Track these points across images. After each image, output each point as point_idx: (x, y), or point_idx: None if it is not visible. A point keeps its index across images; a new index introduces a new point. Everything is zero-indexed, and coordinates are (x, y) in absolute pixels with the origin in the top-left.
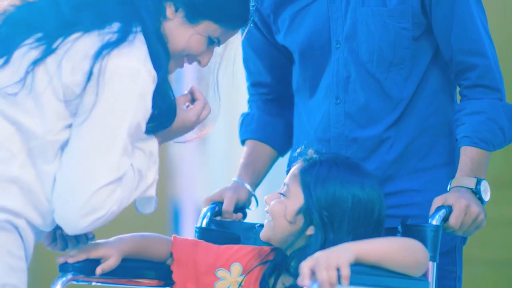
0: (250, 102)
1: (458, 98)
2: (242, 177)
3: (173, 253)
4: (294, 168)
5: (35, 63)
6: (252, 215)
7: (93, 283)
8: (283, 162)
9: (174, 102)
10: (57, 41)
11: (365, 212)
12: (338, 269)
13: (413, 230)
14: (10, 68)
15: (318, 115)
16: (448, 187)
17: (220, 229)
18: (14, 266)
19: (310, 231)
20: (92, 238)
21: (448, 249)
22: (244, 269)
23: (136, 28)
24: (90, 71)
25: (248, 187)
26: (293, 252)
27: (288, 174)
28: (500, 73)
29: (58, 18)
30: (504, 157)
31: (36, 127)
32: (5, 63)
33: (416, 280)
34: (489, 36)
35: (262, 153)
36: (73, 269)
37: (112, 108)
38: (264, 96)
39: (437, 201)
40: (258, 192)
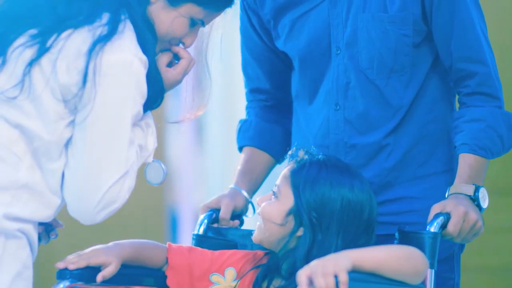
0: (248, 109)
1: (457, 106)
2: (239, 184)
3: (169, 259)
4: (285, 170)
5: (31, 64)
6: (249, 222)
7: None
8: (281, 169)
9: (162, 83)
10: (51, 39)
11: (354, 214)
12: (336, 276)
13: (411, 237)
14: (7, 70)
15: (318, 121)
16: (447, 194)
17: (217, 236)
18: (23, 275)
19: (301, 232)
20: (55, 237)
21: (446, 256)
22: (238, 274)
23: (124, 16)
24: (86, 70)
25: (245, 194)
26: (284, 254)
27: (280, 176)
28: (499, 81)
29: (52, 13)
30: (502, 165)
31: (39, 129)
32: (2, 65)
33: None
34: (489, 44)
35: (260, 160)
36: (71, 276)
37: (113, 103)
38: (263, 103)
39: (435, 208)
40: (255, 199)
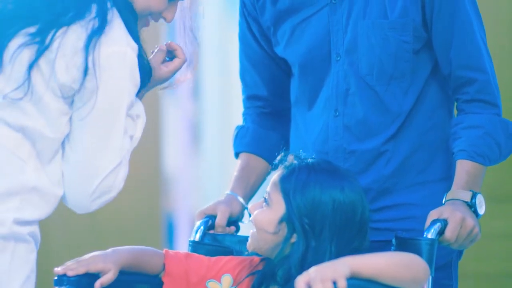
0: (245, 115)
1: (455, 113)
2: (235, 190)
3: (165, 265)
4: (275, 176)
5: (32, 66)
6: (246, 228)
7: None
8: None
9: (148, 63)
10: (49, 36)
11: (347, 215)
12: (335, 283)
13: (408, 244)
14: (4, 72)
15: (317, 128)
16: (444, 200)
17: (213, 243)
18: (30, 278)
19: (294, 239)
20: None
21: (444, 264)
22: (235, 280)
23: (110, 3)
24: (86, 65)
25: (241, 200)
26: (279, 261)
27: (270, 182)
28: (498, 89)
29: (49, 9)
30: (499, 172)
31: (42, 128)
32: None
33: None
34: (488, 52)
35: (256, 167)
36: (69, 283)
37: (110, 95)
38: (260, 109)
39: (433, 215)
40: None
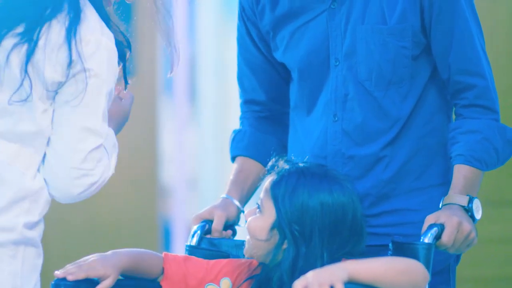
0: (242, 119)
1: (454, 118)
2: (231, 194)
3: (164, 269)
4: (267, 182)
5: (27, 66)
6: (243, 232)
7: None
8: None
9: (123, 42)
10: (35, 35)
11: (336, 218)
12: (332, 287)
13: (405, 248)
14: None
15: (316, 132)
16: (441, 204)
17: (210, 247)
18: (38, 283)
19: (286, 245)
20: None
21: (442, 269)
22: (234, 284)
23: None
24: (70, 58)
25: (238, 204)
26: (273, 267)
27: (262, 188)
28: (496, 94)
29: (34, 6)
30: (496, 176)
31: (34, 127)
32: None
33: None
34: (487, 57)
35: (252, 170)
36: None
37: (92, 83)
38: (257, 114)
39: (429, 219)
40: (248, 209)
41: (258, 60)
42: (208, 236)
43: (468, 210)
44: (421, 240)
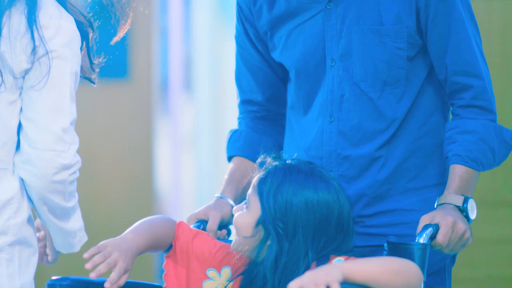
0: (240, 119)
1: (451, 117)
2: (226, 193)
3: (172, 245)
4: (255, 178)
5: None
6: None
7: None
8: None
9: (84, 24)
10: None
11: (321, 216)
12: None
13: (400, 249)
14: None
15: (312, 133)
16: (436, 204)
17: None
18: (32, 281)
19: (270, 242)
20: None
21: (438, 269)
22: (233, 275)
23: None
24: (34, 45)
25: (232, 204)
26: (258, 264)
27: (251, 185)
28: (493, 95)
29: None
30: (492, 177)
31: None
32: None
33: None
34: (483, 58)
35: (248, 170)
36: None
37: (55, 64)
38: (253, 114)
39: (424, 220)
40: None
41: (255, 60)
42: None
43: (463, 210)
44: (416, 241)
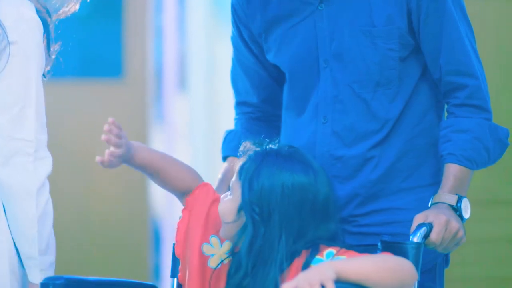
0: (236, 120)
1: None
2: (220, 192)
3: (187, 202)
4: (237, 165)
5: None
6: None
7: None
8: None
9: (43, 14)
10: None
11: (298, 198)
12: (323, 286)
13: (394, 248)
14: None
15: (306, 134)
16: (430, 203)
17: None
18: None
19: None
20: None
21: (429, 268)
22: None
23: None
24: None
25: None
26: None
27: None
28: (488, 93)
29: None
30: (486, 176)
31: None
32: None
33: None
34: (478, 56)
35: None
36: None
37: (16, 52)
38: (249, 115)
39: (418, 219)
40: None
41: (250, 62)
42: None
43: (457, 209)
44: (410, 240)
